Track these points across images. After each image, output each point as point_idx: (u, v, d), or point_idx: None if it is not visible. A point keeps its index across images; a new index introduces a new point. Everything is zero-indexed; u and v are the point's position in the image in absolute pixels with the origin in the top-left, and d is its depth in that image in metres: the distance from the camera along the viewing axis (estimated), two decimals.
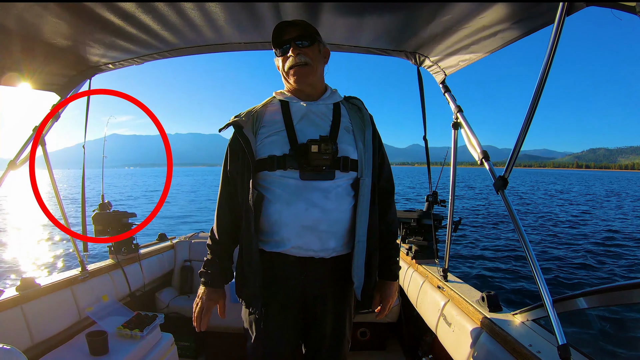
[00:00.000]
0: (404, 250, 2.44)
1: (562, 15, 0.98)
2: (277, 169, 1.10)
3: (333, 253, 1.13)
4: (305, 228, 1.08)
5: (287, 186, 1.10)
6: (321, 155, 1.06)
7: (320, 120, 1.17)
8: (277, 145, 1.11)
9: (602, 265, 7.46)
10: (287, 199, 1.09)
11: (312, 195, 1.08)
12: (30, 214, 16.02)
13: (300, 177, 1.09)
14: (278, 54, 1.19)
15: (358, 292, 1.16)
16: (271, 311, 1.16)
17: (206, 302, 1.22)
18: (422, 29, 1.50)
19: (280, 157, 1.10)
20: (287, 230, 1.09)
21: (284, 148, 1.11)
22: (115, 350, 1.54)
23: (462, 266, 7.16)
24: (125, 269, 2.27)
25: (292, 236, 1.09)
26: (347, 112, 1.22)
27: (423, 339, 2.13)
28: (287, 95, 1.22)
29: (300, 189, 1.09)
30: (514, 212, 1.16)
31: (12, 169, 1.77)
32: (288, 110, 1.18)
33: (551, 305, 1.01)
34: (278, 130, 1.14)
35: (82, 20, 1.34)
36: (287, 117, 1.16)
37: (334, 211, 1.11)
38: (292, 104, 1.19)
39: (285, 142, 1.11)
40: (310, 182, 1.09)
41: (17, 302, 1.58)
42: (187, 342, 2.38)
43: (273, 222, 1.11)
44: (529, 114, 1.09)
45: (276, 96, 1.24)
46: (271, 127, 1.15)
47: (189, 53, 1.80)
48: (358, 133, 1.18)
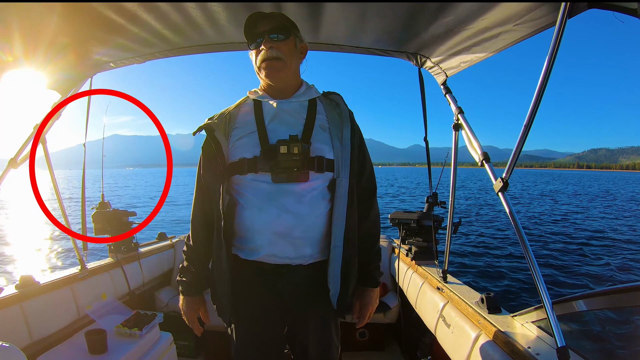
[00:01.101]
0: (403, 252, 2.44)
1: (564, 17, 0.98)
2: (249, 173, 1.04)
3: (310, 260, 1.08)
4: (278, 235, 1.02)
5: (259, 190, 1.03)
6: (291, 156, 1.00)
7: (293, 118, 1.10)
8: (247, 148, 1.06)
9: (602, 267, 7.45)
10: (259, 204, 1.03)
11: (285, 200, 1.02)
12: (30, 212, 16.03)
13: (272, 181, 1.02)
14: (251, 47, 1.12)
15: (334, 300, 1.10)
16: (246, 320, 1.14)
17: (188, 312, 1.21)
18: (423, 30, 1.50)
19: (250, 160, 1.04)
20: (259, 237, 1.04)
21: (255, 150, 1.05)
22: (114, 349, 1.54)
23: (462, 268, 7.16)
24: (124, 268, 2.28)
25: (265, 244, 1.04)
26: (324, 109, 1.15)
27: (422, 340, 2.13)
28: (260, 94, 1.16)
29: (272, 194, 1.02)
30: (514, 214, 1.16)
31: (12, 167, 1.77)
32: (260, 109, 1.12)
33: (550, 307, 1.01)
34: (250, 131, 1.08)
35: (84, 18, 1.34)
36: (259, 117, 1.10)
37: (309, 216, 1.04)
38: (264, 103, 1.14)
39: (256, 143, 1.05)
40: (282, 186, 1.02)
41: (16, 300, 1.58)
42: (186, 341, 2.38)
43: (246, 228, 1.06)
44: (530, 115, 1.09)
45: (250, 96, 1.18)
46: (243, 129, 1.09)
47: (191, 52, 1.79)
48: (335, 131, 1.10)
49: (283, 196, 1.02)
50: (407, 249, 2.39)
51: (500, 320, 1.34)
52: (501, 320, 1.34)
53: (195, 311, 1.21)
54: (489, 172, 1.32)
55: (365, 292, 1.23)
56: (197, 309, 1.22)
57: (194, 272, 1.19)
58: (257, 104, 1.14)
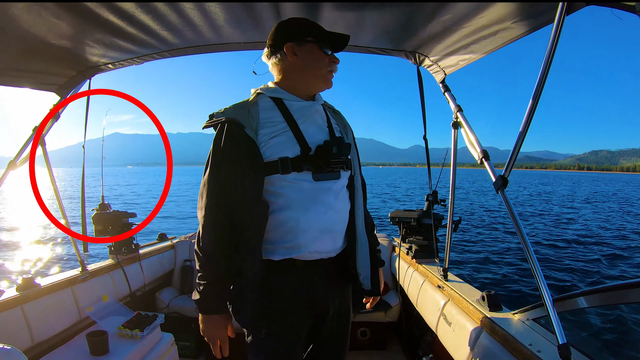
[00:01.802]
0: (404, 250, 2.44)
1: (562, 14, 0.98)
2: (292, 172, 1.03)
3: (338, 251, 1.14)
4: (323, 231, 1.06)
5: (302, 190, 1.04)
6: (340, 156, 1.08)
7: (320, 120, 1.15)
8: (286, 147, 1.04)
9: (602, 264, 7.46)
10: (303, 203, 1.04)
11: (327, 198, 1.07)
12: (30, 214, 16.02)
13: (313, 179, 1.05)
14: (327, 48, 1.12)
15: (367, 282, 1.18)
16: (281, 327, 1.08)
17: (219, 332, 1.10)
18: (421, 28, 1.50)
19: (293, 159, 1.03)
20: (305, 235, 1.04)
21: (295, 149, 1.04)
22: (116, 350, 1.54)
23: (462, 265, 7.17)
24: (125, 269, 2.28)
25: (309, 242, 1.05)
26: (328, 112, 1.22)
27: (423, 339, 2.13)
28: (279, 91, 1.12)
29: (315, 192, 1.05)
30: (514, 212, 1.16)
31: (12, 169, 1.77)
32: (286, 109, 1.09)
33: (551, 304, 1.01)
34: (282, 130, 1.06)
35: (82, 20, 1.34)
36: (289, 116, 1.08)
37: (343, 211, 1.13)
38: (290, 103, 1.11)
39: (294, 143, 1.05)
40: (322, 184, 1.06)
41: (17, 302, 1.58)
42: (188, 342, 2.38)
43: (288, 229, 1.04)
44: (529, 113, 1.09)
45: (264, 92, 1.13)
46: (273, 127, 1.06)
47: (189, 53, 1.79)
48: (344, 133, 1.19)
49: (324, 194, 1.07)
50: (408, 248, 2.40)
51: (502, 318, 1.34)
52: (502, 318, 1.34)
53: (225, 329, 1.12)
54: (489, 170, 1.32)
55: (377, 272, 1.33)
56: (226, 326, 1.12)
57: (220, 287, 1.07)
58: (279, 103, 1.11)
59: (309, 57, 1.09)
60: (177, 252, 2.85)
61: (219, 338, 1.10)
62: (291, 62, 1.10)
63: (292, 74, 1.11)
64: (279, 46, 1.10)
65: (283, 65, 1.11)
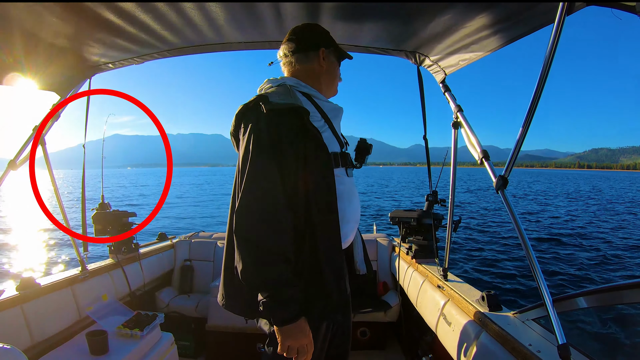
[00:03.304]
0: (404, 250, 2.44)
1: (563, 14, 0.98)
2: (341, 166, 1.11)
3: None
4: (357, 221, 1.17)
5: (344, 183, 1.11)
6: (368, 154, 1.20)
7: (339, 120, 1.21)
8: (332, 142, 1.08)
9: (603, 264, 7.46)
10: (348, 196, 1.10)
11: (356, 191, 1.17)
12: (31, 214, 16.02)
13: (347, 175, 1.14)
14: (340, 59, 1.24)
15: (363, 266, 1.24)
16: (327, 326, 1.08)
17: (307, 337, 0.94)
18: (422, 28, 1.50)
19: (341, 154, 1.11)
20: (347, 226, 1.10)
21: (336, 145, 1.11)
22: (115, 350, 1.54)
23: (462, 265, 7.17)
24: (125, 269, 2.28)
25: (349, 231, 1.12)
26: None
27: (423, 339, 2.13)
28: (309, 88, 1.14)
29: (352, 186, 1.14)
30: (514, 212, 1.16)
31: (12, 169, 1.77)
32: (319, 106, 1.13)
33: (551, 304, 1.01)
34: (324, 126, 1.09)
35: (82, 19, 1.34)
36: (324, 114, 1.12)
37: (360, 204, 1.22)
38: (321, 102, 1.15)
39: (334, 139, 1.11)
40: (352, 179, 1.17)
41: (17, 301, 1.58)
42: (187, 342, 2.38)
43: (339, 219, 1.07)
44: (530, 113, 1.09)
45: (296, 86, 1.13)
46: (317, 122, 1.07)
47: (189, 52, 1.79)
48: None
49: (355, 188, 1.17)
50: (408, 248, 2.40)
51: (501, 318, 1.34)
52: (502, 318, 1.34)
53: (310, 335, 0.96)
54: (489, 170, 1.32)
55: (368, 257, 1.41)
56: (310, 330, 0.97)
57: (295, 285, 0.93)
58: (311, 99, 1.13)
59: (332, 66, 1.20)
60: (176, 251, 2.85)
61: (309, 344, 0.95)
62: (319, 65, 1.16)
63: (319, 76, 1.17)
64: (311, 47, 1.16)
65: (311, 65, 1.16)
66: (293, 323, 0.91)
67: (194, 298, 2.57)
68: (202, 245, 2.85)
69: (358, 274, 1.23)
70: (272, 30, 1.59)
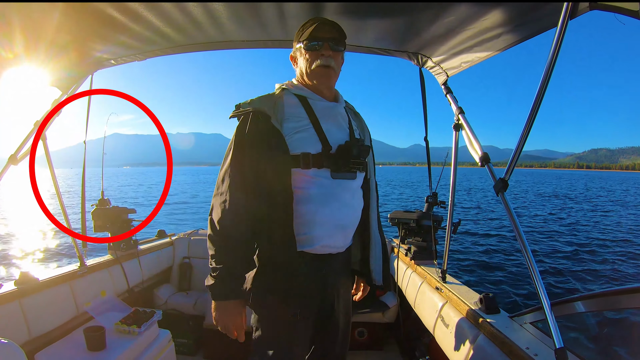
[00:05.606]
0: (402, 251, 2.44)
1: (566, 18, 0.98)
2: (312, 167, 1.07)
3: (347, 246, 1.21)
4: (337, 227, 1.12)
5: (321, 185, 1.09)
6: (359, 158, 1.12)
7: (342, 122, 1.19)
8: (309, 143, 1.08)
9: (601, 269, 7.46)
10: (321, 198, 1.08)
11: (343, 195, 1.12)
12: (30, 208, 16.03)
13: (332, 177, 1.10)
14: (306, 47, 1.13)
15: (379, 277, 1.26)
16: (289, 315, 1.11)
17: (234, 318, 1.10)
18: (425, 30, 1.50)
19: (315, 155, 1.08)
20: (320, 229, 1.09)
21: (317, 147, 1.09)
22: (113, 346, 1.54)
23: (461, 268, 7.16)
24: (124, 265, 2.28)
25: (323, 235, 1.10)
26: (349, 116, 1.25)
27: (420, 340, 2.13)
28: (304, 90, 1.16)
29: (333, 189, 1.10)
30: (513, 215, 1.16)
31: (12, 164, 1.77)
32: (310, 107, 1.13)
33: (549, 308, 1.01)
34: (305, 127, 1.10)
35: (86, 16, 1.34)
36: (312, 114, 1.12)
37: (358, 209, 1.20)
38: (314, 102, 1.15)
39: (316, 140, 1.09)
40: (340, 182, 1.11)
41: (15, 296, 1.58)
42: (185, 339, 2.38)
43: (305, 222, 1.08)
44: (531, 116, 1.09)
45: (289, 89, 1.17)
46: (297, 122, 1.10)
47: (191, 50, 1.79)
48: (362, 136, 1.24)
49: (342, 191, 1.12)
50: (407, 249, 2.40)
51: (499, 321, 1.34)
52: (500, 321, 1.34)
53: (241, 314, 1.12)
54: (489, 172, 1.32)
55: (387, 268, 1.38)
56: (242, 312, 1.13)
57: (240, 272, 1.09)
58: (304, 100, 1.15)
59: (301, 60, 1.17)
60: (175, 249, 2.85)
61: (235, 326, 1.10)
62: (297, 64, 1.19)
63: (302, 75, 1.17)
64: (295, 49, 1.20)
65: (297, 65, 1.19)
66: (221, 301, 1.08)
67: (192, 295, 2.57)
68: (201, 243, 2.85)
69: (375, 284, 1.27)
70: (275, 29, 1.59)
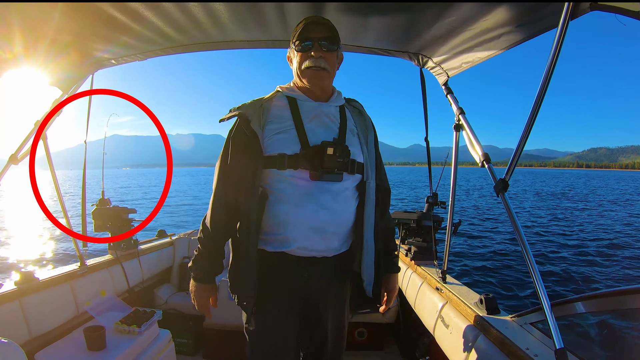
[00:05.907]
0: (403, 251, 2.44)
1: (566, 19, 0.98)
2: (288, 168, 1.07)
3: (336, 252, 1.15)
4: (313, 230, 1.08)
5: (297, 187, 1.08)
6: (336, 158, 1.07)
7: (330, 121, 1.16)
8: (287, 144, 1.08)
9: (602, 269, 7.45)
10: (296, 200, 1.07)
11: (322, 198, 1.08)
12: (30, 208, 16.03)
13: (310, 178, 1.07)
14: (297, 48, 1.14)
15: (369, 289, 1.18)
16: (271, 310, 1.14)
17: (200, 299, 1.23)
18: (425, 30, 1.50)
19: (291, 157, 1.07)
20: (293, 231, 1.08)
21: (295, 147, 1.08)
22: (113, 346, 1.54)
23: (461, 268, 7.16)
24: (124, 265, 2.28)
25: (298, 237, 1.08)
26: (350, 115, 1.22)
27: (420, 340, 2.13)
28: (295, 92, 1.18)
29: (310, 191, 1.07)
30: (514, 215, 1.16)
31: (13, 163, 1.77)
32: (297, 108, 1.14)
33: (549, 308, 1.01)
34: (287, 128, 1.10)
35: (86, 16, 1.34)
36: (297, 115, 1.12)
37: (342, 213, 1.12)
38: (302, 102, 1.15)
39: (295, 141, 1.09)
40: (320, 184, 1.08)
41: (15, 295, 1.58)
42: (185, 339, 2.38)
43: (279, 222, 1.08)
44: (531, 117, 1.09)
45: (282, 91, 1.20)
46: (279, 124, 1.11)
47: (192, 50, 1.79)
48: (362, 136, 1.20)
49: (321, 194, 1.08)
50: (407, 249, 2.40)
51: (499, 322, 1.34)
52: (500, 322, 1.34)
53: (208, 298, 1.24)
54: (490, 173, 1.32)
55: (390, 277, 1.33)
56: (210, 296, 1.24)
57: (212, 260, 1.19)
58: (293, 102, 1.15)
59: (294, 61, 1.18)
60: (176, 249, 2.85)
61: (202, 304, 1.23)
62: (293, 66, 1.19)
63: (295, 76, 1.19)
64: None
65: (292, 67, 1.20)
66: (194, 282, 1.21)
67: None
68: None
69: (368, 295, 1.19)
70: (276, 30, 1.59)
